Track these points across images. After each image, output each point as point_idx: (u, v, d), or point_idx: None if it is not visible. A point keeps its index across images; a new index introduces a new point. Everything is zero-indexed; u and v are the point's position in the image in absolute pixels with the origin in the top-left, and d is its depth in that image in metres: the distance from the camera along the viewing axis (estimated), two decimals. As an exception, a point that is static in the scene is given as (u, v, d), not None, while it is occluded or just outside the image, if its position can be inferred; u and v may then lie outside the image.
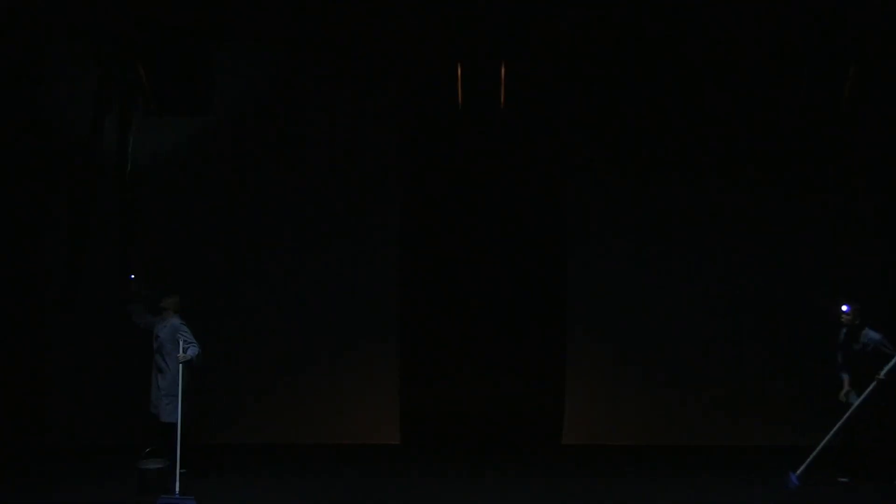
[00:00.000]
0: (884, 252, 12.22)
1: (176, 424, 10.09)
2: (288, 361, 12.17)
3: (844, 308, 10.78)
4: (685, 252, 12.23)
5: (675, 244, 12.24)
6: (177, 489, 9.71)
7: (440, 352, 12.51)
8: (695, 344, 12.22)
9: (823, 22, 10.76)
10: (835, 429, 10.40)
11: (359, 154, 12.16)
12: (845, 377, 10.70)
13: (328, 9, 10.84)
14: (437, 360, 12.52)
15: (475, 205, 12.46)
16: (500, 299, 12.52)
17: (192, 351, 10.35)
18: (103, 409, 12.05)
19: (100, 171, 11.99)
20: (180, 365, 10.26)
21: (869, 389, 10.37)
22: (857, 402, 10.43)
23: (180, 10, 10.66)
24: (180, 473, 9.87)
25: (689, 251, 12.23)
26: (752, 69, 11.72)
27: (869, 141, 12.13)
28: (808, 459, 10.30)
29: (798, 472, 10.27)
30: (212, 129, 12.05)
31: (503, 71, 11.25)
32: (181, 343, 10.34)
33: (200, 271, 12.11)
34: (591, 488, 10.47)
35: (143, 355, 12.00)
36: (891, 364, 10.37)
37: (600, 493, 10.31)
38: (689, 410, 12.22)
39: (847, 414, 10.43)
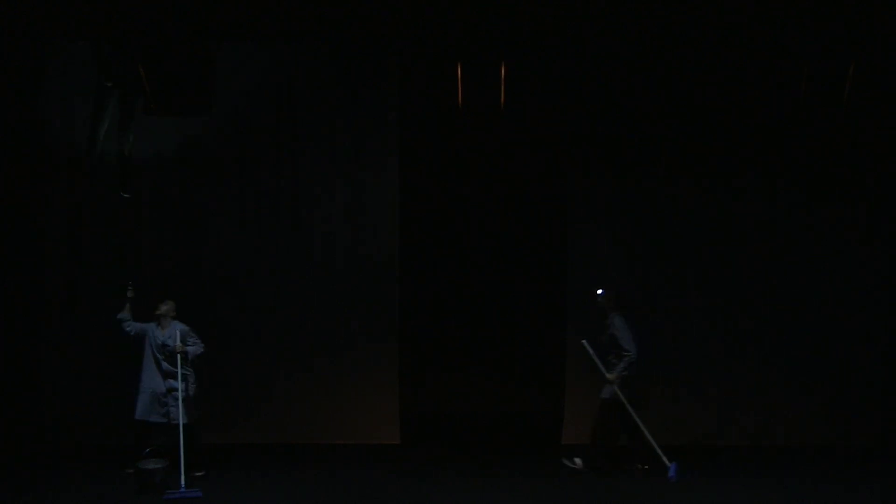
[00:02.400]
0: (884, 252, 12.21)
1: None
2: (288, 361, 12.17)
3: (599, 291, 11.00)
4: (685, 252, 12.24)
5: (675, 244, 12.24)
6: (182, 483, 9.81)
7: (440, 352, 12.51)
8: (694, 344, 12.22)
9: (823, 22, 10.76)
10: (638, 425, 10.72)
11: (359, 154, 12.17)
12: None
13: (328, 9, 10.83)
14: (437, 360, 12.52)
15: (475, 205, 12.46)
16: (500, 299, 12.51)
17: (195, 349, 10.48)
18: (103, 410, 12.05)
19: (99, 171, 12.01)
20: (188, 364, 10.46)
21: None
22: (623, 399, 10.80)
23: (180, 10, 10.66)
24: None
25: (689, 251, 12.24)
26: (751, 69, 11.72)
27: (869, 141, 12.13)
28: (662, 456, 10.63)
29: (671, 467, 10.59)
30: (212, 129, 12.06)
31: (503, 71, 11.25)
32: (189, 342, 10.51)
33: (199, 271, 12.11)
34: (591, 488, 10.48)
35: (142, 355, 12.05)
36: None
37: (600, 493, 10.31)
38: (689, 410, 12.23)
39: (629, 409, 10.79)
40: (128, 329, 10.62)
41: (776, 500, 10.10)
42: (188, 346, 10.51)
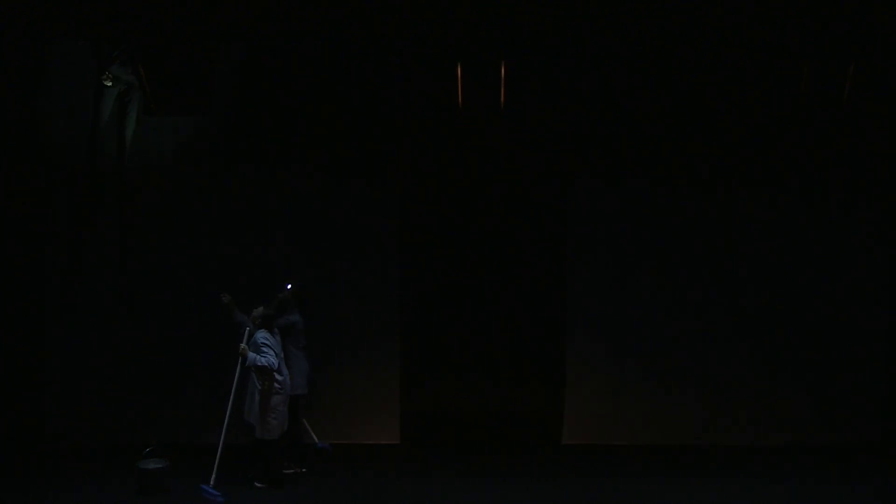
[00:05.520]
0: (884, 252, 12.21)
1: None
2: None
3: (288, 286, 10.97)
4: (684, 252, 12.23)
5: (674, 244, 12.24)
6: (212, 480, 10.02)
7: (441, 352, 12.50)
8: (693, 344, 12.22)
9: (823, 22, 10.75)
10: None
11: (358, 154, 12.16)
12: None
13: (328, 9, 10.83)
14: (437, 360, 12.52)
15: (475, 205, 12.45)
16: (501, 299, 12.51)
17: (253, 356, 10.22)
18: (103, 410, 12.06)
19: (99, 170, 12.01)
20: (240, 360, 10.32)
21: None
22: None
23: (180, 10, 10.65)
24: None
25: (689, 251, 12.23)
26: (751, 69, 11.71)
27: (869, 141, 12.13)
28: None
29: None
30: (212, 129, 12.06)
31: (503, 71, 11.24)
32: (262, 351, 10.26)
33: (200, 272, 12.11)
34: (591, 488, 10.48)
35: (143, 355, 12.06)
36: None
37: (600, 493, 10.32)
38: (689, 410, 12.23)
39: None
40: (244, 330, 10.54)
41: (776, 500, 10.11)
42: (253, 353, 10.26)
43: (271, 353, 10.27)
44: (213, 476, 10.08)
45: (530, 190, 12.45)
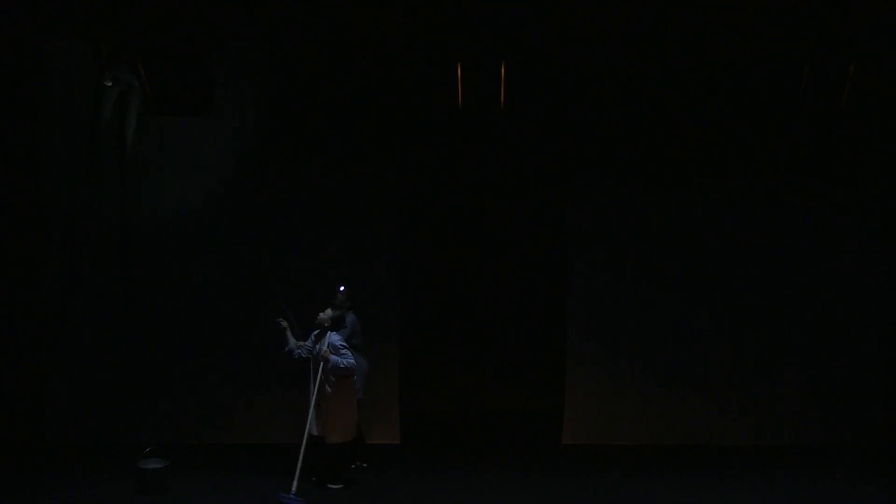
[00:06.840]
0: (884, 252, 12.21)
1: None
2: (289, 362, 12.16)
3: (341, 288, 10.89)
4: (684, 252, 12.23)
5: (674, 244, 12.24)
6: (294, 488, 9.91)
7: (441, 352, 12.51)
8: (693, 344, 12.22)
9: (823, 22, 10.77)
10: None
11: (358, 154, 12.16)
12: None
13: (328, 8, 10.84)
14: (437, 360, 12.53)
15: (476, 205, 12.46)
16: (501, 299, 12.52)
17: (336, 359, 10.21)
18: (103, 410, 12.06)
19: (99, 171, 12.01)
20: (320, 364, 10.25)
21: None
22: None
23: (180, 10, 10.66)
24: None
25: (689, 251, 12.23)
26: (751, 69, 11.72)
27: (869, 141, 12.13)
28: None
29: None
30: (212, 129, 12.05)
31: (503, 71, 11.25)
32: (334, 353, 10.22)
33: (200, 273, 12.10)
34: (591, 488, 10.49)
35: (143, 355, 12.06)
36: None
37: (600, 493, 10.33)
38: (689, 410, 12.23)
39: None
40: (296, 356, 10.51)
41: (776, 500, 10.11)
42: (335, 356, 10.23)
43: (349, 354, 10.30)
44: (295, 483, 10.02)
45: (530, 189, 12.45)
